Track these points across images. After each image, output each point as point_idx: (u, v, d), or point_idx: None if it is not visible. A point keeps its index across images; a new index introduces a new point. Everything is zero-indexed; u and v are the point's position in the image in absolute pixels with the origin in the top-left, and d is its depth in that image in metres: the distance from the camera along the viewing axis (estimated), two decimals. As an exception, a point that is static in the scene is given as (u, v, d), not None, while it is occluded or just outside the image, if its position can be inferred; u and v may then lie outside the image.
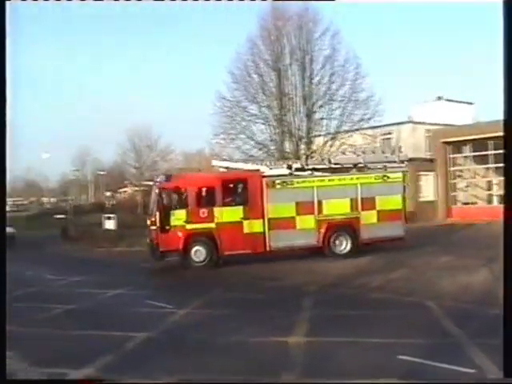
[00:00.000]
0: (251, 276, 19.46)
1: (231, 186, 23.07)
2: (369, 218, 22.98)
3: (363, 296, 14.73)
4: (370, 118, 36.40)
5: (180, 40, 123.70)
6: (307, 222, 22.63)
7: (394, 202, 23.19)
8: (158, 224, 22.06)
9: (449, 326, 10.72)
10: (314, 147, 37.07)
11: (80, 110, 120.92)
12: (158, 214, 22.11)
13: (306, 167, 23.81)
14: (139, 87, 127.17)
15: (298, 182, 22.95)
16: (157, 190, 22.47)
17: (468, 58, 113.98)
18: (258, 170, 23.28)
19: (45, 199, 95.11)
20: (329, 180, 23.26)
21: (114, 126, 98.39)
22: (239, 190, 23.02)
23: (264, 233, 22.39)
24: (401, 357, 8.66)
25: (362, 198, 22.99)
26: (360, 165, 23.79)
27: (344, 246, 22.99)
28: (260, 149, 37.27)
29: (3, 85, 7.18)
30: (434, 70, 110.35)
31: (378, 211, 23.03)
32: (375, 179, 23.28)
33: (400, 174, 23.53)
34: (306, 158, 25.30)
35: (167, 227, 22.00)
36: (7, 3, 6.06)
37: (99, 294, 16.62)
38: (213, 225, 22.12)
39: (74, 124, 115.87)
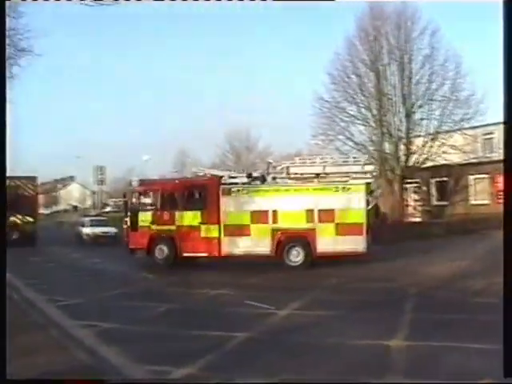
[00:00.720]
0: (349, 277, 19.32)
1: (191, 191, 24.14)
2: (326, 230, 22.06)
3: (466, 299, 14.41)
4: (471, 118, 35.45)
5: (278, 42, 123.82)
6: (262, 230, 22.57)
7: (355, 214, 21.89)
8: (128, 224, 24.38)
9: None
10: (413, 148, 36.46)
11: (180, 112, 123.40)
12: (129, 214, 24.46)
13: (266, 177, 23.81)
14: (238, 88, 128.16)
15: (253, 191, 23.10)
16: (128, 193, 24.63)
17: None
18: (217, 178, 24.06)
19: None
20: (285, 190, 23.06)
21: (213, 128, 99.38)
22: (198, 196, 23.98)
23: (219, 238, 22.92)
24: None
25: (319, 210, 22.22)
26: (322, 175, 23.16)
27: (297, 257, 22.51)
28: (359, 150, 36.93)
29: (3, 85, 7.33)
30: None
31: (337, 224, 21.99)
32: (335, 190, 22.31)
33: (362, 186, 22.15)
34: (268, 168, 24.51)
35: (136, 227, 23.98)
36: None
37: (199, 293, 16.83)
38: (173, 227, 23.49)
39: (174, 126, 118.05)
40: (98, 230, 39.35)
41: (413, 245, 26.73)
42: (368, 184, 22.35)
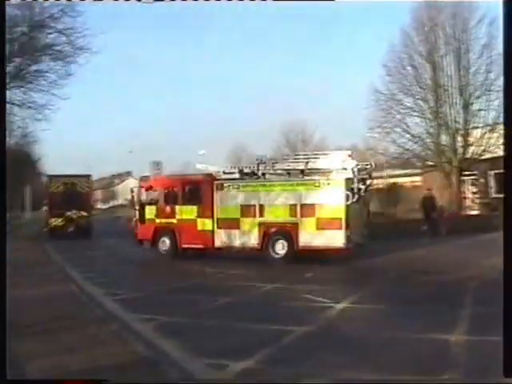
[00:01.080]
0: (407, 270, 19.14)
1: (189, 187, 25.61)
2: (308, 224, 22.53)
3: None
4: (531, 108, 34.55)
5: (333, 34, 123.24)
6: (250, 224, 23.62)
7: (334, 210, 22.08)
8: (137, 217, 26.44)
9: None
10: (471, 139, 35.80)
11: (236, 106, 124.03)
12: (137, 208, 26.51)
13: (256, 172, 24.67)
14: (293, 81, 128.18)
15: (243, 186, 24.18)
16: (137, 188, 27.05)
17: None
18: (212, 174, 25.44)
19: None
20: (270, 185, 23.89)
21: (268, 122, 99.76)
22: (195, 192, 25.27)
23: (213, 231, 24.33)
24: None
25: (301, 205, 22.72)
26: (307, 171, 23.71)
27: (282, 250, 23.12)
28: (416, 142, 36.51)
29: (3, 85, 7.33)
30: None
31: (318, 218, 22.36)
32: (315, 186, 22.69)
33: (342, 181, 22.24)
34: (258, 164, 24.88)
35: (143, 220, 26.05)
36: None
37: (257, 287, 16.81)
38: (174, 220, 25.28)
39: (230, 120, 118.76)
40: None
41: (470, 237, 26.30)
42: (348, 179, 22.42)
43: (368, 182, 23.49)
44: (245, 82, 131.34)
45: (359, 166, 23.14)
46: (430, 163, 37.91)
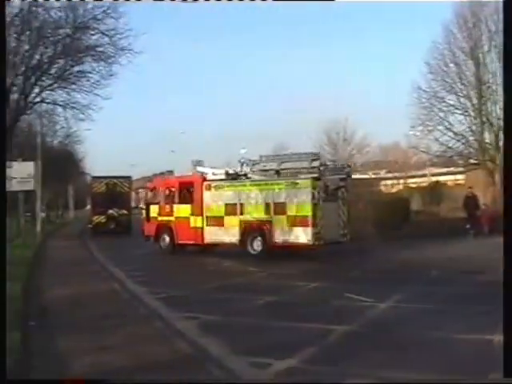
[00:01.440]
0: (448, 269, 18.92)
1: (184, 187, 27.63)
2: (280, 222, 23.84)
3: None
4: None
5: (374, 31, 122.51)
6: (232, 221, 25.29)
7: (303, 208, 23.27)
8: (144, 215, 29.63)
9: None
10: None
11: (277, 104, 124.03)
12: (144, 207, 29.84)
13: (239, 173, 26.25)
14: (334, 79, 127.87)
15: (227, 186, 25.88)
16: (143, 189, 26.89)
17: None
18: (203, 175, 27.10)
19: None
20: (249, 185, 25.29)
21: (309, 120, 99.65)
22: (188, 192, 27.35)
23: (202, 228, 26.27)
24: None
25: (274, 203, 24.11)
26: (282, 171, 24.98)
27: (257, 247, 24.47)
28: (458, 140, 36.04)
29: (3, 85, 7.35)
30: None
31: (288, 216, 23.63)
32: (286, 185, 23.97)
33: (309, 181, 23.28)
34: (241, 165, 26.23)
35: (149, 218, 28.74)
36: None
37: (299, 286, 16.71)
38: (172, 218, 27.53)
39: (272, 118, 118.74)
40: None
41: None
42: (314, 179, 23.40)
43: (345, 182, 24.94)
44: (286, 80, 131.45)
45: (332, 166, 25.18)
46: (473, 161, 37.37)
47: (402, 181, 59.94)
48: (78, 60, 20.99)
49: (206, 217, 26.26)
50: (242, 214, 25.09)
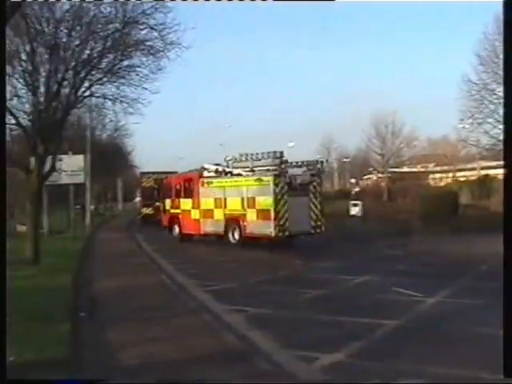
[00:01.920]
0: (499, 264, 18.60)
1: (187, 183, 30.78)
2: (251, 215, 26.37)
3: None
4: None
5: (423, 23, 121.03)
6: (219, 214, 28.16)
7: (266, 202, 25.60)
8: (161, 208, 34.06)
9: None
10: None
11: (325, 98, 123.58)
12: (162, 201, 34.01)
13: (226, 170, 28.73)
14: (383, 72, 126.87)
15: (216, 182, 28.59)
16: (158, 185, 35.05)
17: None
18: (200, 172, 29.88)
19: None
20: (230, 181, 27.92)
21: (358, 113, 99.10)
22: (190, 187, 30.41)
23: (199, 219, 29.39)
24: None
25: (247, 198, 26.62)
26: (255, 169, 27.12)
27: (236, 237, 27.17)
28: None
29: (3, 84, 7.39)
30: None
31: (257, 210, 26.07)
32: (254, 181, 26.43)
33: (270, 178, 25.44)
34: (227, 163, 29.20)
35: (165, 210, 32.86)
36: None
37: (346, 280, 16.63)
38: (179, 210, 31.10)
39: (320, 112, 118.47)
40: None
41: None
42: (276, 176, 25.47)
43: (316, 177, 26.84)
44: (336, 74, 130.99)
45: (303, 163, 27.15)
46: (525, 154, 36.65)
47: (450, 174, 59.27)
48: (127, 54, 21.15)
49: (202, 210, 29.26)
50: (225, 207, 27.81)
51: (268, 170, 26.19)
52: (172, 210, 31.85)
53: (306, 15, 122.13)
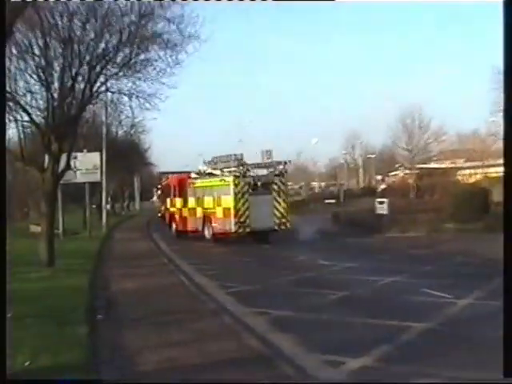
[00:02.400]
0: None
1: (179, 184, 34.67)
2: (219, 213, 29.60)
3: None
4: None
5: (455, 14, 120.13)
6: (198, 212, 31.78)
7: (227, 201, 28.88)
8: (164, 207, 38.05)
9: None
10: None
11: (349, 93, 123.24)
12: (164, 200, 38.25)
13: (206, 172, 32.63)
14: (408, 66, 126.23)
15: (197, 183, 32.47)
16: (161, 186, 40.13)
17: None
18: (188, 174, 34.55)
19: (314, 183, 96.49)
20: (206, 182, 31.62)
21: (384, 109, 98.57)
22: (182, 187, 34.21)
23: (187, 217, 33.22)
24: None
25: (216, 197, 29.94)
26: (225, 170, 30.45)
27: (209, 233, 30.49)
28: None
29: (3, 84, 7.41)
30: None
31: (223, 208, 29.24)
32: (219, 182, 29.99)
33: (230, 178, 28.81)
34: (205, 165, 33.20)
35: (166, 209, 37.22)
36: None
37: (373, 281, 16.56)
38: (175, 209, 35.20)
39: (344, 108, 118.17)
40: None
41: None
42: (236, 177, 28.69)
43: (280, 177, 29.36)
44: (359, 66, 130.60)
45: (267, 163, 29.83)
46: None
47: (480, 170, 58.70)
48: (144, 48, 21.12)
49: (188, 208, 33.04)
50: (203, 206, 31.21)
51: (233, 171, 29.28)
52: (171, 209, 36.01)
53: (330, 10, 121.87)
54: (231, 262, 23.33)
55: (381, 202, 36.91)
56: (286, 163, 30.53)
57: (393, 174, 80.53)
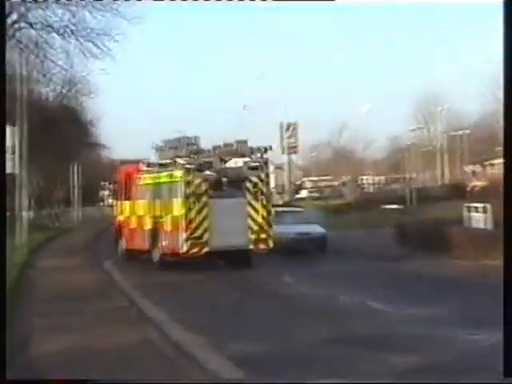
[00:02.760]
0: None
1: (129, 180, 36.78)
2: (168, 223, 31.30)
3: None
4: None
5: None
6: (147, 222, 33.87)
7: (175, 207, 30.74)
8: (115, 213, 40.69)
9: None
10: None
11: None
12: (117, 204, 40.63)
13: (158, 163, 34.93)
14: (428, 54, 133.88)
15: (145, 180, 34.70)
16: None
17: None
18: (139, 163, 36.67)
19: (365, 177, 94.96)
20: (154, 178, 34.07)
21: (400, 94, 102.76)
22: (130, 185, 36.65)
23: (135, 230, 35.44)
24: None
25: (166, 200, 32.10)
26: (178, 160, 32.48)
27: (155, 254, 32.43)
28: None
29: (3, 84, 9.09)
30: None
31: (171, 217, 31.19)
32: (168, 178, 32.12)
33: (179, 173, 30.51)
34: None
35: (115, 217, 39.91)
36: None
37: (463, 338, 16.32)
38: (123, 217, 37.62)
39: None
40: (291, 229, 37.43)
41: None
42: (187, 170, 30.45)
43: (259, 171, 30.42)
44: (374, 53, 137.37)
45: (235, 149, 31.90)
46: None
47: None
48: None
49: (137, 216, 35.58)
50: (152, 213, 33.14)
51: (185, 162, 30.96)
52: (118, 217, 38.37)
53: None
54: (224, 300, 23.37)
55: (476, 209, 35.75)
56: (266, 150, 31.19)
57: (495, 162, 79.66)
